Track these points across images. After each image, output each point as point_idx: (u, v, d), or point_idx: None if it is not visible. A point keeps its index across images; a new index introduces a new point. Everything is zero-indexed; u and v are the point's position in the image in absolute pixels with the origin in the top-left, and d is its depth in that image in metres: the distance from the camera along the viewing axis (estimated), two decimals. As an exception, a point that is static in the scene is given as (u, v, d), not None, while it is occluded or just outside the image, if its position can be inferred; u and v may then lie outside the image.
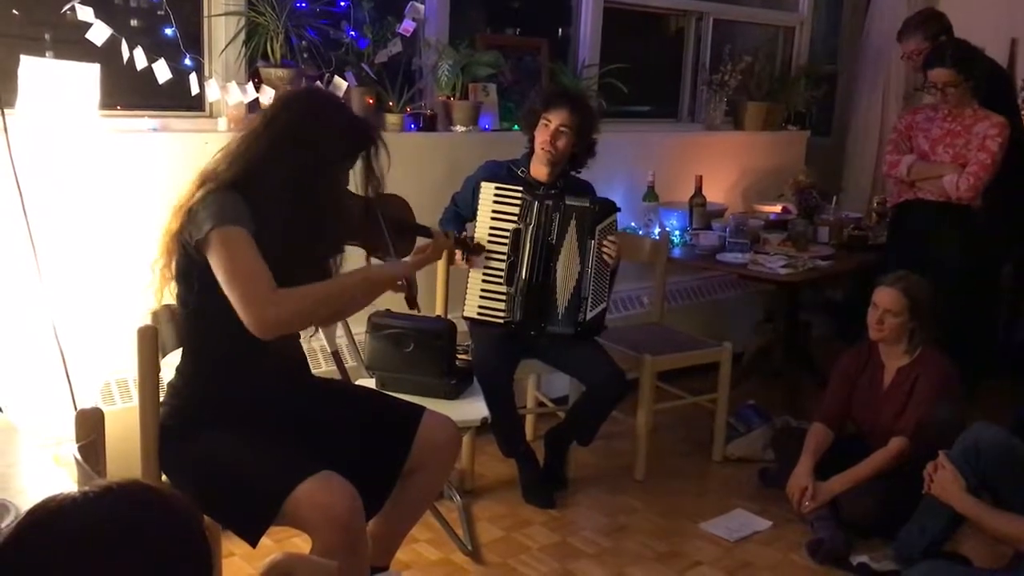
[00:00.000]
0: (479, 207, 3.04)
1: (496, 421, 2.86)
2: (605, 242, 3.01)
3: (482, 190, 3.04)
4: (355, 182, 2.15)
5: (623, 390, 3.05)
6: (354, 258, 2.23)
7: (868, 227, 4.41)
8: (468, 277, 3.06)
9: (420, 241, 2.35)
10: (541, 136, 3.03)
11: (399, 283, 2.18)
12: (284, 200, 1.94)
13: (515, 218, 3.02)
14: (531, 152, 3.11)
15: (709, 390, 3.53)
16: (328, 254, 2.12)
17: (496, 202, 3.02)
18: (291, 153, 1.95)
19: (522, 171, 3.11)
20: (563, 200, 3.02)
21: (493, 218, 3.03)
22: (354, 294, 2.13)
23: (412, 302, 2.22)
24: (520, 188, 3.02)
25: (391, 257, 2.22)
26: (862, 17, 5.21)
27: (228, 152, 2.00)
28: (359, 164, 2.08)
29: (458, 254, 2.98)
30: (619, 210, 3.12)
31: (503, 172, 3.11)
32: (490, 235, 3.03)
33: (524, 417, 3.47)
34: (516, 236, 3.01)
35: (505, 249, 3.02)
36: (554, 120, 3.00)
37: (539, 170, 3.09)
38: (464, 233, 2.43)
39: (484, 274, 3.04)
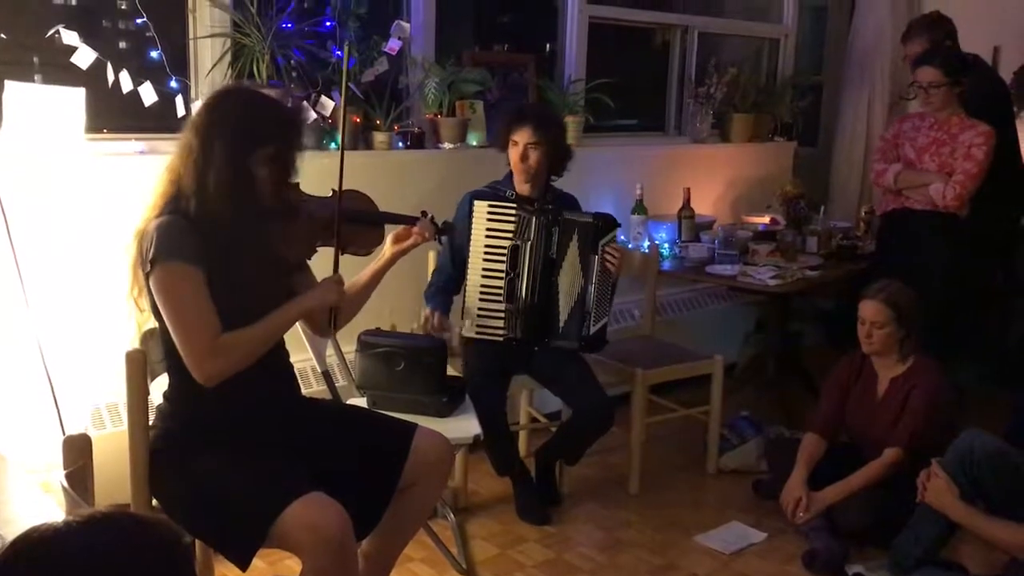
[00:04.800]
0: (473, 227, 3.01)
1: (489, 441, 2.85)
2: (608, 252, 3.01)
3: (475, 209, 3.01)
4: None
5: (608, 421, 3.04)
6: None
7: (856, 236, 4.43)
8: (464, 297, 3.05)
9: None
10: (513, 156, 3.05)
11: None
12: (228, 210, 1.90)
13: (511, 235, 3.00)
14: (512, 172, 3.12)
15: (702, 402, 3.53)
16: (297, 258, 2.11)
17: (490, 219, 3.01)
18: (221, 154, 1.91)
19: (509, 192, 3.09)
20: (561, 214, 3.03)
21: (488, 236, 3.00)
22: (290, 326, 2.10)
23: (333, 324, 2.19)
24: (514, 205, 3.02)
25: (363, 251, 2.24)
26: (846, 28, 5.24)
27: (170, 168, 1.98)
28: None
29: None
30: (619, 225, 3.12)
31: (489, 194, 3.09)
32: (485, 254, 3.01)
33: (517, 434, 3.46)
34: (515, 252, 2.99)
35: (503, 266, 3.00)
36: (520, 139, 3.01)
37: (523, 187, 3.08)
38: (431, 214, 2.40)
39: (481, 293, 3.01)
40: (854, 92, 5.12)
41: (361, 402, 2.79)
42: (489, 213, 3.01)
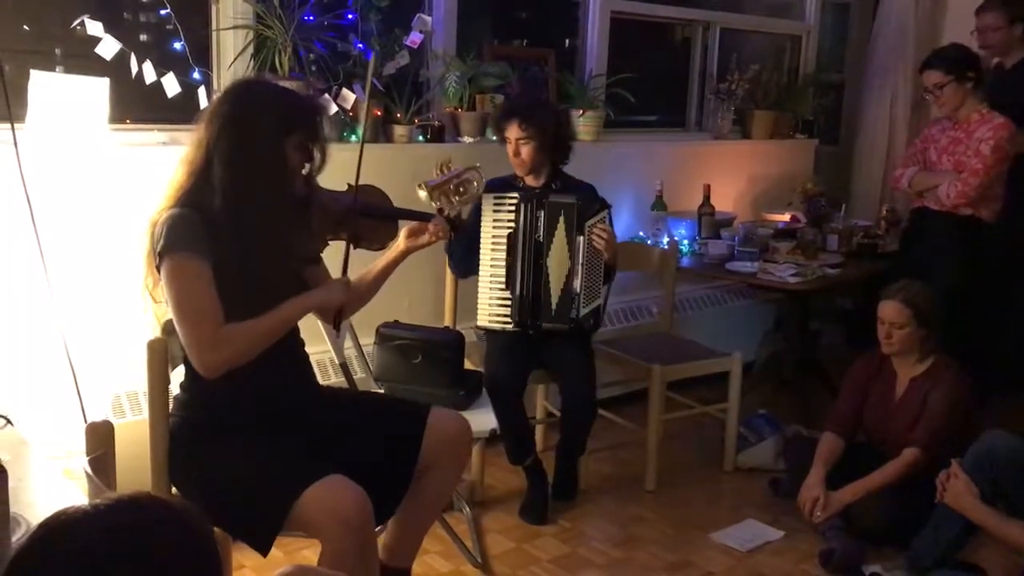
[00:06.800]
0: (482, 218, 3.09)
1: (505, 428, 2.87)
2: (594, 232, 3.01)
3: (483, 201, 3.08)
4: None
5: (587, 416, 3.10)
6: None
7: (877, 235, 4.40)
8: (478, 286, 3.09)
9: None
10: (508, 152, 3.11)
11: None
12: (262, 200, 1.92)
13: (512, 224, 3.06)
14: None
15: (719, 399, 3.52)
16: (311, 251, 2.11)
17: (495, 210, 3.08)
18: (257, 144, 1.93)
19: (519, 181, 3.15)
20: (547, 197, 3.06)
21: (494, 226, 3.08)
22: (295, 322, 2.09)
23: (337, 322, 2.21)
24: (515, 195, 3.07)
25: (377, 246, 2.24)
26: (869, 25, 5.20)
27: (187, 160, 1.99)
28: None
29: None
30: (608, 206, 3.12)
31: (500, 185, 3.14)
32: (492, 243, 3.07)
33: (534, 428, 3.46)
34: (511, 239, 3.06)
35: (503, 255, 3.06)
36: (510, 135, 3.08)
37: (528, 179, 3.15)
38: (445, 211, 2.41)
39: (491, 282, 3.08)
40: (876, 90, 5.08)
41: (379, 394, 2.80)
42: (494, 205, 3.08)
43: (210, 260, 1.90)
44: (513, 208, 3.06)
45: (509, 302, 3.06)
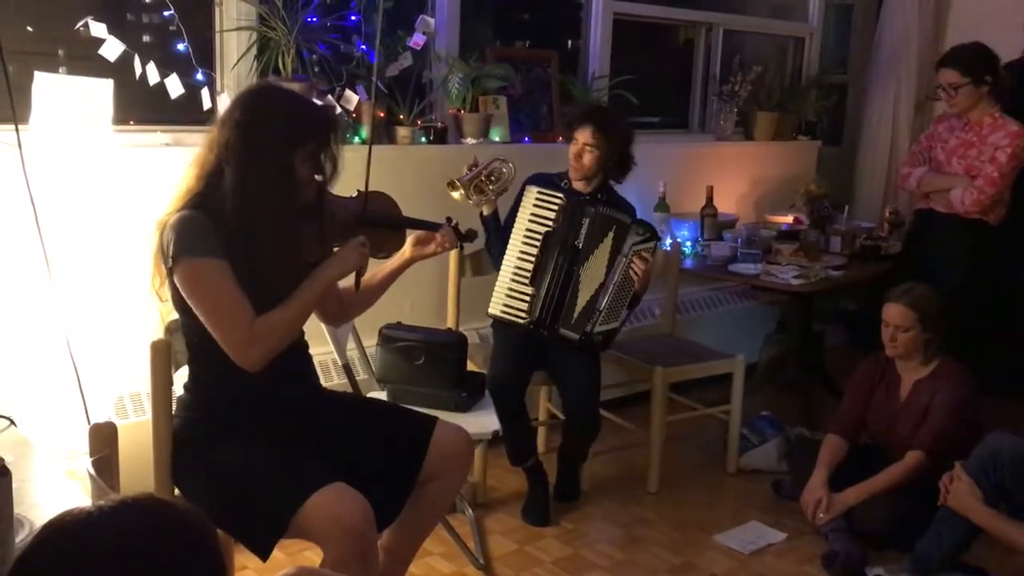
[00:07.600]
0: (520, 208, 3.09)
1: (506, 429, 2.87)
2: (636, 259, 3.01)
3: (526, 192, 3.10)
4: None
5: (590, 429, 3.10)
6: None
7: (880, 237, 4.40)
8: (498, 276, 3.10)
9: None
10: (571, 152, 3.10)
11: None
12: (267, 207, 1.92)
13: (551, 223, 3.05)
14: None
15: (722, 401, 3.52)
16: (316, 257, 2.12)
17: (536, 205, 3.08)
18: (266, 152, 1.92)
19: (565, 182, 3.15)
20: (595, 207, 3.05)
21: (531, 220, 3.07)
22: (320, 298, 2.10)
23: (359, 283, 2.21)
24: (561, 195, 3.06)
25: (383, 254, 2.25)
26: (872, 27, 5.20)
27: (198, 163, 2.00)
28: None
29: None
30: (659, 238, 3.15)
31: (545, 181, 3.15)
32: (524, 237, 3.07)
33: (536, 429, 3.46)
34: (547, 238, 3.04)
35: (535, 251, 3.05)
36: (579, 138, 3.07)
37: (577, 183, 3.14)
38: (455, 221, 2.40)
39: (513, 274, 3.07)
40: (879, 91, 5.08)
41: (381, 395, 2.80)
42: (536, 198, 3.08)
43: (227, 259, 1.90)
44: (556, 208, 3.04)
45: (528, 297, 3.05)
